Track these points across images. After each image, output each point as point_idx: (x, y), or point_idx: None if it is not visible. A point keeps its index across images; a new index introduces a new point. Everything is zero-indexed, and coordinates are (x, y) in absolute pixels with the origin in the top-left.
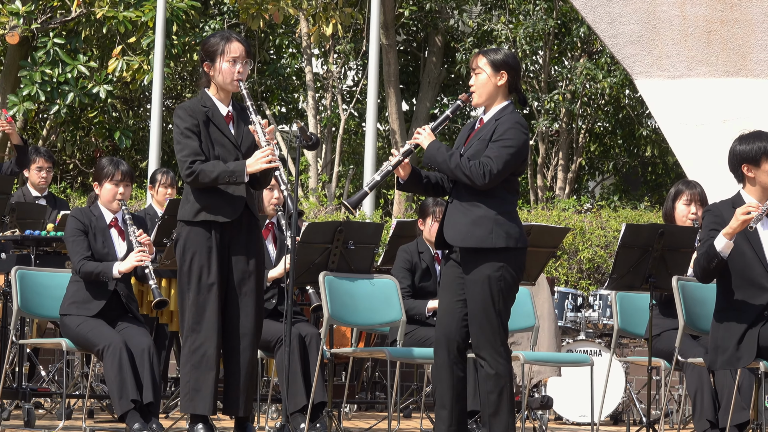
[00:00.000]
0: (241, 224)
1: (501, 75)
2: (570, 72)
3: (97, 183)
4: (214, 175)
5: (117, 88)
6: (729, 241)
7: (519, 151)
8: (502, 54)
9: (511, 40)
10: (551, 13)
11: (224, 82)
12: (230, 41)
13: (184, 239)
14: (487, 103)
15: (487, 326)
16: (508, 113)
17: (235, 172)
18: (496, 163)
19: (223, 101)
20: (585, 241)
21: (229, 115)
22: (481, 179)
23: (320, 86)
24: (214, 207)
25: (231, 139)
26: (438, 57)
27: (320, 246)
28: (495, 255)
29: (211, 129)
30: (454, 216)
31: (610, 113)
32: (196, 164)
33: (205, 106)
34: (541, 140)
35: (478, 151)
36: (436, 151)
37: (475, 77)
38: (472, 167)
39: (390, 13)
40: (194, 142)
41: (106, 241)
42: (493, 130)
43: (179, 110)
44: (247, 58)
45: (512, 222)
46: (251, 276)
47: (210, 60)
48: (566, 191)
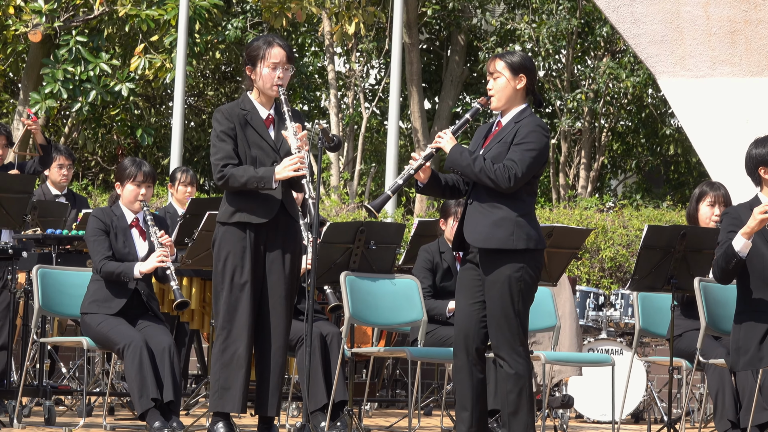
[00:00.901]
0: (277, 225)
1: (520, 78)
2: (593, 71)
3: (119, 183)
4: (243, 180)
5: (139, 86)
6: (747, 241)
7: (541, 154)
8: (519, 57)
9: (534, 39)
10: (574, 13)
11: (264, 86)
12: (272, 46)
13: (220, 239)
14: (506, 106)
15: (506, 326)
16: (528, 116)
17: (263, 178)
18: (520, 167)
19: (264, 105)
20: (607, 240)
21: (269, 118)
22: (506, 182)
23: (342, 85)
24: (249, 209)
25: (269, 142)
26: (461, 56)
27: (342, 246)
28: (515, 256)
29: (249, 131)
30: (474, 217)
31: (633, 112)
32: (227, 168)
33: (244, 109)
34: (564, 139)
35: (499, 153)
36: (459, 155)
37: (493, 81)
38: (497, 171)
39: (413, 12)
40: (228, 146)
41: (127, 241)
42: (514, 133)
43: (217, 113)
44: (288, 63)
45: (532, 224)
46: (286, 277)
47: (252, 64)
48: (588, 190)
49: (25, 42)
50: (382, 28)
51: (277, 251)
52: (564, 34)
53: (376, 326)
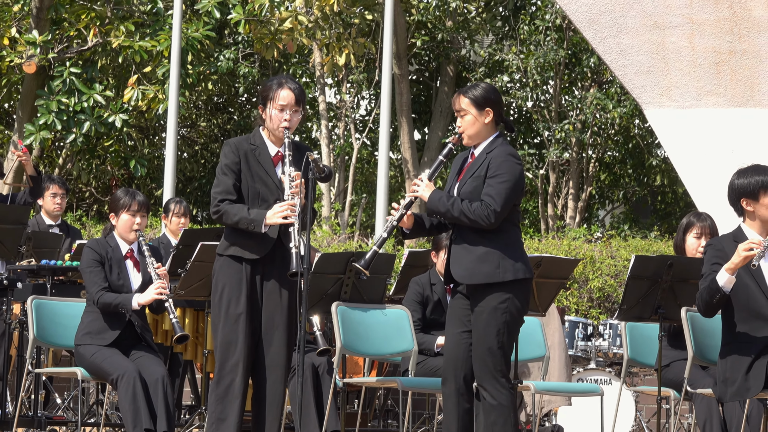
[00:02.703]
0: (273, 258)
1: (486, 113)
2: (580, 102)
3: (113, 214)
4: (235, 219)
5: (132, 117)
6: (731, 276)
7: (516, 184)
8: (482, 90)
9: (522, 70)
10: (562, 44)
11: (272, 127)
12: (281, 88)
13: (217, 271)
14: (478, 141)
15: (489, 357)
16: (499, 145)
17: (254, 221)
18: (497, 201)
19: (275, 143)
20: (595, 271)
21: (278, 155)
22: (486, 220)
23: (333, 115)
24: (243, 244)
25: (274, 179)
26: (450, 86)
27: (333, 276)
28: (502, 287)
29: (255, 166)
30: (459, 254)
31: (620, 143)
32: (224, 204)
33: (253, 144)
34: (552, 169)
35: (474, 188)
36: (438, 201)
37: (461, 119)
38: (476, 210)
39: (402, 43)
40: (229, 180)
41: (121, 273)
42: (487, 166)
43: (225, 146)
44: (297, 107)
45: (517, 254)
46: (283, 309)
47: (263, 103)
48: (577, 220)
49: (20, 73)
50: (372, 59)
51: (274, 282)
52: (552, 65)
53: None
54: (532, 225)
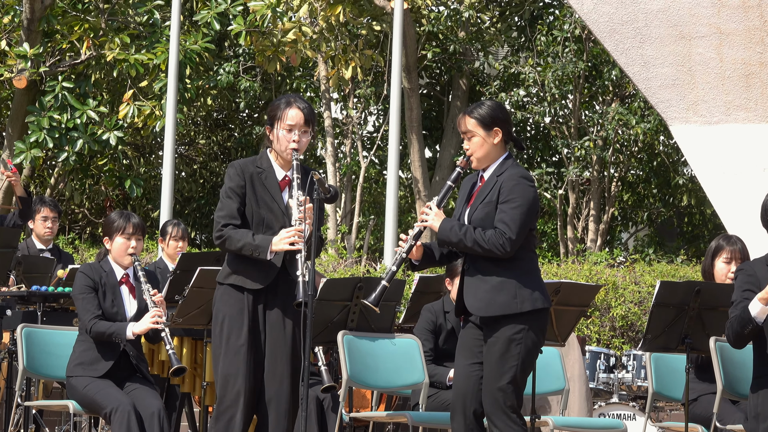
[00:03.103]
0: (276, 288)
1: (495, 133)
2: (601, 117)
3: (107, 237)
4: (239, 245)
5: (128, 134)
6: (765, 306)
7: (531, 208)
8: (488, 109)
9: (539, 84)
10: (581, 55)
11: (280, 149)
12: (290, 107)
13: (218, 301)
14: (487, 163)
15: (501, 392)
16: (509, 167)
17: (259, 247)
18: (512, 228)
19: (283, 167)
20: (618, 297)
21: (285, 180)
22: (501, 249)
23: (339, 132)
24: (246, 273)
25: (280, 204)
26: (463, 101)
27: (339, 303)
28: (517, 318)
29: (261, 191)
30: (473, 284)
31: (644, 161)
32: (227, 229)
33: (260, 167)
34: (572, 189)
35: (486, 214)
36: (449, 231)
37: (468, 141)
38: (490, 239)
39: (412, 55)
40: (233, 204)
41: (116, 299)
42: (498, 190)
43: (230, 168)
44: (306, 127)
45: (534, 282)
46: (287, 341)
47: (270, 124)
48: (598, 243)
49: (10, 88)
50: (381, 72)
51: (277, 312)
52: (570, 78)
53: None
54: (550, 249)
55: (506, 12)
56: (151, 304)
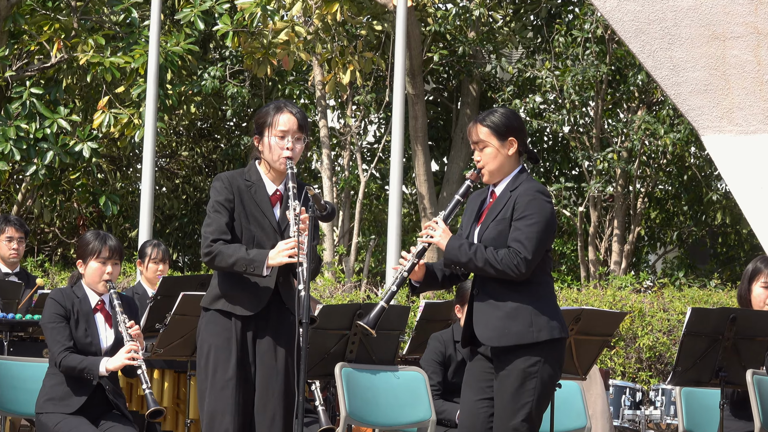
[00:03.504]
0: (268, 316)
1: (510, 143)
2: (626, 126)
3: (81, 261)
4: (231, 261)
5: (103, 145)
6: None
7: (548, 226)
8: (502, 116)
9: (557, 89)
10: (604, 58)
11: (272, 159)
12: (280, 112)
13: (203, 330)
14: (500, 177)
15: (514, 430)
16: (524, 181)
17: (254, 261)
18: (527, 248)
19: (274, 180)
20: (645, 326)
21: (276, 195)
22: (516, 271)
23: (336, 143)
24: (235, 297)
25: (272, 221)
26: (473, 108)
27: (336, 332)
28: (532, 348)
29: (250, 206)
30: (483, 311)
31: (674, 174)
32: (217, 244)
33: (248, 180)
34: (593, 206)
35: (499, 233)
36: (458, 249)
37: (479, 152)
38: (503, 259)
39: (417, 58)
40: (222, 219)
41: (89, 329)
42: (512, 206)
43: (216, 181)
44: (300, 133)
45: (551, 309)
46: (279, 373)
47: (259, 133)
48: (623, 266)
49: None
50: (382, 76)
51: (269, 341)
52: (592, 83)
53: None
54: (570, 272)
55: (521, 10)
56: (127, 338)
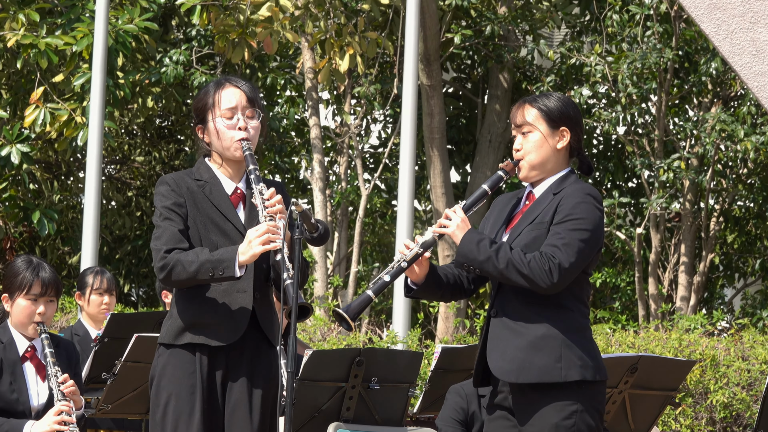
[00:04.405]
0: (243, 347)
1: (561, 134)
2: (696, 127)
3: (6, 296)
4: (193, 268)
5: (36, 148)
6: None
7: (594, 236)
8: (559, 101)
9: (609, 80)
10: (669, 41)
11: (223, 147)
12: (222, 87)
13: (159, 374)
14: (541, 175)
15: None
16: (572, 183)
17: (222, 261)
18: (565, 254)
19: (232, 177)
20: (719, 378)
21: (237, 194)
22: (546, 279)
23: (331, 146)
24: (204, 324)
25: (237, 225)
26: (503, 103)
27: (330, 385)
28: (565, 393)
29: (207, 210)
30: (501, 337)
31: (756, 187)
32: (172, 254)
33: (200, 180)
34: (655, 227)
35: (534, 239)
36: (475, 245)
37: (522, 138)
38: (532, 262)
39: (433, 39)
40: (175, 226)
41: (16, 382)
42: (554, 209)
43: (160, 185)
44: (251, 107)
45: (587, 344)
46: (255, 426)
47: (201, 120)
48: (691, 303)
49: None
50: (389, 62)
51: (242, 384)
52: (654, 72)
53: None
54: (625, 310)
55: None
56: (59, 396)
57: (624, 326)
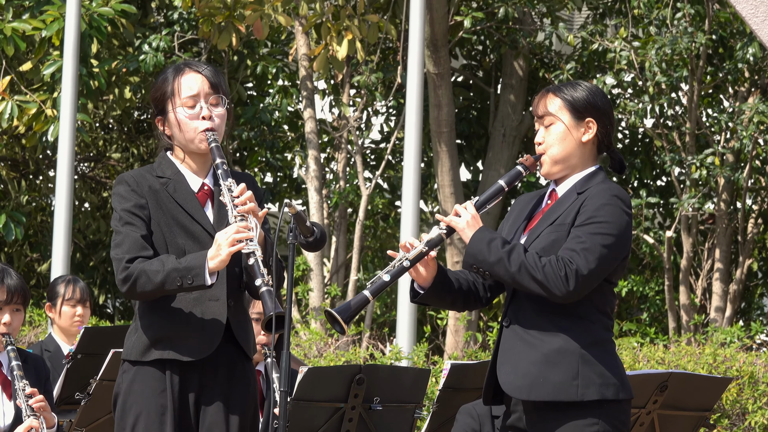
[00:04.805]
0: (216, 362)
1: (586, 125)
2: (732, 119)
3: None
4: (159, 278)
5: (2, 144)
6: None
7: (619, 242)
8: (585, 91)
9: (636, 67)
10: (701, 24)
11: (186, 140)
12: (181, 74)
13: (126, 391)
14: (565, 171)
15: None
16: (598, 182)
17: (191, 269)
18: (584, 260)
19: (198, 172)
20: (758, 397)
21: (204, 191)
22: (561, 286)
23: (328, 141)
24: (173, 338)
25: (205, 225)
26: (518, 93)
27: (327, 405)
28: (584, 412)
29: (171, 209)
30: (514, 350)
31: None
32: (135, 263)
33: (161, 177)
34: (686, 230)
35: (554, 242)
36: (486, 245)
37: (544, 130)
38: (546, 267)
39: (441, 22)
40: (137, 232)
41: None
42: (576, 209)
43: (119, 184)
44: (215, 94)
45: (608, 359)
46: None
47: (160, 111)
48: (727, 314)
49: None
50: (392, 49)
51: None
52: (685, 59)
53: None
54: (654, 321)
55: None
56: (27, 412)
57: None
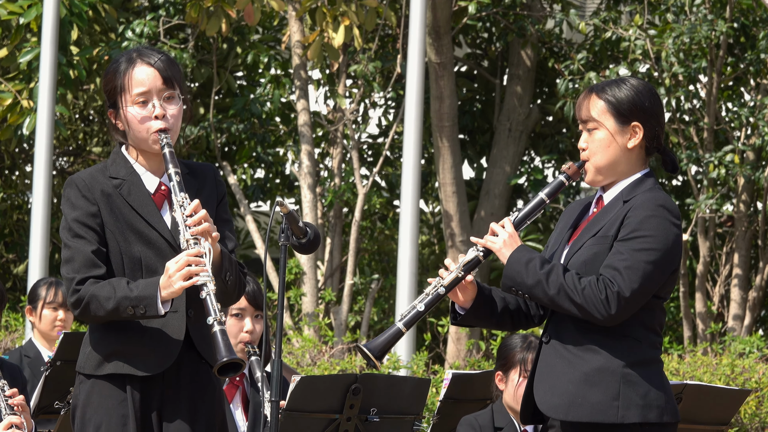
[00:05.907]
0: (178, 376)
1: (633, 130)
2: (753, 113)
3: None
4: (110, 306)
5: None
6: None
7: (666, 257)
8: (629, 90)
9: (651, 57)
10: (722, 11)
11: (138, 139)
12: (132, 65)
13: (84, 402)
14: (612, 178)
15: None
16: (645, 191)
17: (144, 299)
18: (627, 280)
19: (155, 171)
20: None
21: (161, 191)
22: (602, 310)
23: (323, 135)
24: (129, 352)
25: (162, 232)
26: (525, 85)
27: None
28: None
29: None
30: (553, 368)
31: None
32: (86, 286)
33: (114, 177)
34: (703, 233)
35: (595, 256)
36: (524, 267)
37: (587, 135)
38: (586, 290)
39: (444, 8)
40: (87, 247)
41: None
42: (620, 220)
43: (68, 188)
44: (169, 89)
45: (655, 379)
46: None
47: (112, 104)
48: (746, 322)
49: None
50: (391, 36)
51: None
52: (704, 49)
53: None
54: (668, 330)
55: None
56: (6, 410)
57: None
